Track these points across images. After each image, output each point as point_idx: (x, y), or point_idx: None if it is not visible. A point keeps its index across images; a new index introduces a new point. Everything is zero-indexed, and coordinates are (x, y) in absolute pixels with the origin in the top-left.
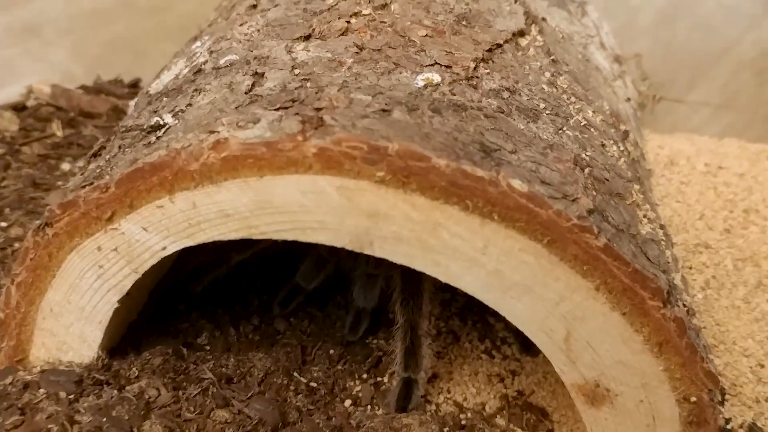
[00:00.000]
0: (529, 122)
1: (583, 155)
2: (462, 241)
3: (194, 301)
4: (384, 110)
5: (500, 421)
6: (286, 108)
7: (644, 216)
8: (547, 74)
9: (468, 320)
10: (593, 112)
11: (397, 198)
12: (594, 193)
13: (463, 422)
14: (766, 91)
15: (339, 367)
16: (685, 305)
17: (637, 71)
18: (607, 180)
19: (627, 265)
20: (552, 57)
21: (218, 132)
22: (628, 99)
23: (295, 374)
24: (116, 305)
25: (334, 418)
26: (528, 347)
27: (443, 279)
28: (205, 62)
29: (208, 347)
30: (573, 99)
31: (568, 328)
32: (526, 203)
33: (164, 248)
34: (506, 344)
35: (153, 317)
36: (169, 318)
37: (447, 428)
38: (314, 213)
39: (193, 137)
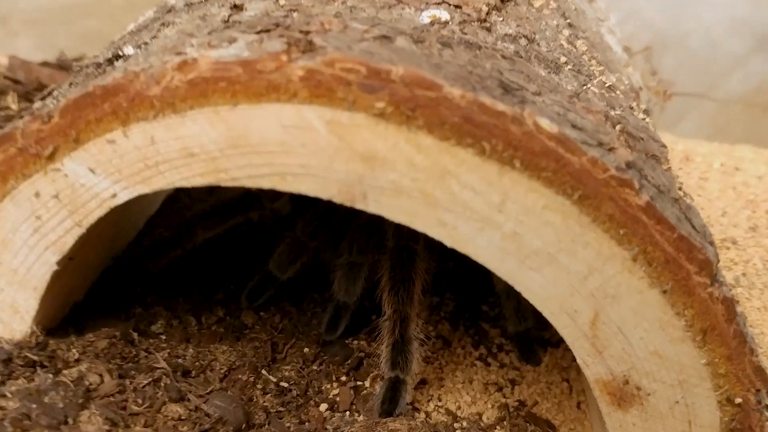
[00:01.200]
0: (550, 72)
1: (612, 113)
2: (474, 195)
3: (151, 283)
4: (385, 37)
5: None
6: (268, 30)
7: (679, 189)
8: (566, 32)
9: (459, 326)
10: (616, 79)
11: (400, 137)
12: (629, 149)
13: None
14: (756, 125)
15: (314, 367)
16: (730, 289)
17: (647, 65)
18: (642, 139)
19: (672, 230)
20: (568, 21)
21: (186, 53)
22: (641, 88)
23: (264, 372)
24: (55, 268)
25: (307, 423)
26: (528, 356)
27: (449, 243)
28: (176, 2)
29: (163, 336)
30: (594, 63)
31: (597, 308)
32: (555, 147)
33: (114, 195)
34: (503, 352)
35: (102, 300)
36: (120, 301)
37: None
38: (297, 154)
39: (156, 60)
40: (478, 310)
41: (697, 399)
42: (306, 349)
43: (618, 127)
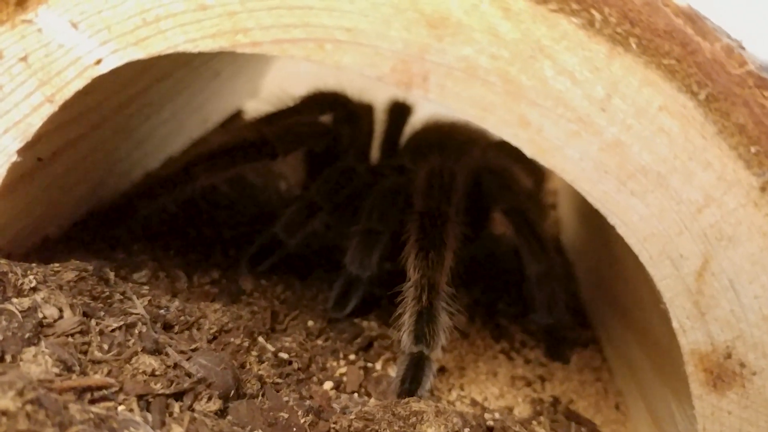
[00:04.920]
0: None
1: None
2: (573, 85)
3: (139, 231)
4: None
5: (539, 429)
6: None
7: None
8: None
9: (476, 320)
10: None
11: None
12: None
13: (490, 423)
14: None
15: (319, 342)
16: None
17: None
18: None
19: None
20: None
21: None
22: None
23: (261, 339)
24: (15, 158)
25: (309, 399)
26: (555, 352)
27: (529, 151)
28: None
29: (146, 286)
30: None
31: (707, 254)
32: (682, 26)
33: (99, 61)
34: (527, 348)
35: (80, 242)
36: (101, 243)
37: (469, 428)
38: (343, 13)
39: None
40: (494, 307)
41: None
42: (310, 323)
43: None
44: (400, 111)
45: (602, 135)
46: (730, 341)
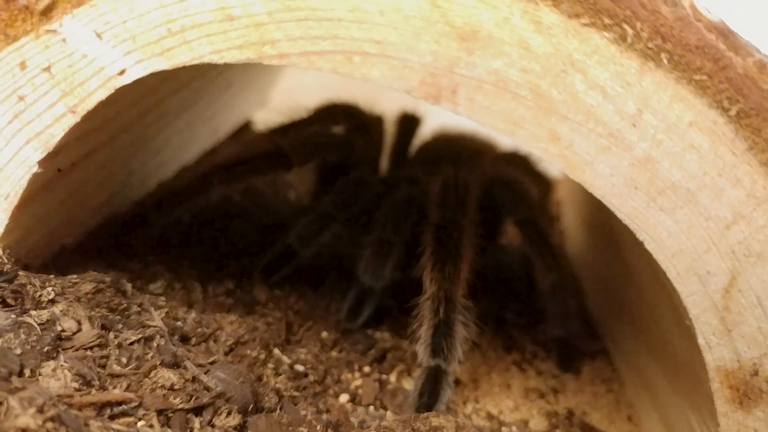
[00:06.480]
0: None
1: None
2: (604, 100)
3: (154, 241)
4: None
5: None
6: None
7: None
8: None
9: (485, 331)
10: None
11: (514, 8)
12: None
13: None
14: None
15: (333, 354)
16: None
17: None
18: None
19: None
20: None
21: None
22: None
23: (276, 351)
24: (36, 170)
25: (327, 413)
26: (567, 364)
27: (560, 165)
28: None
29: (162, 297)
30: None
31: (735, 271)
32: (714, 42)
33: (123, 71)
34: (538, 359)
35: (96, 252)
36: (117, 254)
37: None
38: (372, 25)
39: None
40: (502, 317)
41: None
42: (324, 333)
43: None
44: (409, 122)
45: (633, 150)
46: (757, 358)
